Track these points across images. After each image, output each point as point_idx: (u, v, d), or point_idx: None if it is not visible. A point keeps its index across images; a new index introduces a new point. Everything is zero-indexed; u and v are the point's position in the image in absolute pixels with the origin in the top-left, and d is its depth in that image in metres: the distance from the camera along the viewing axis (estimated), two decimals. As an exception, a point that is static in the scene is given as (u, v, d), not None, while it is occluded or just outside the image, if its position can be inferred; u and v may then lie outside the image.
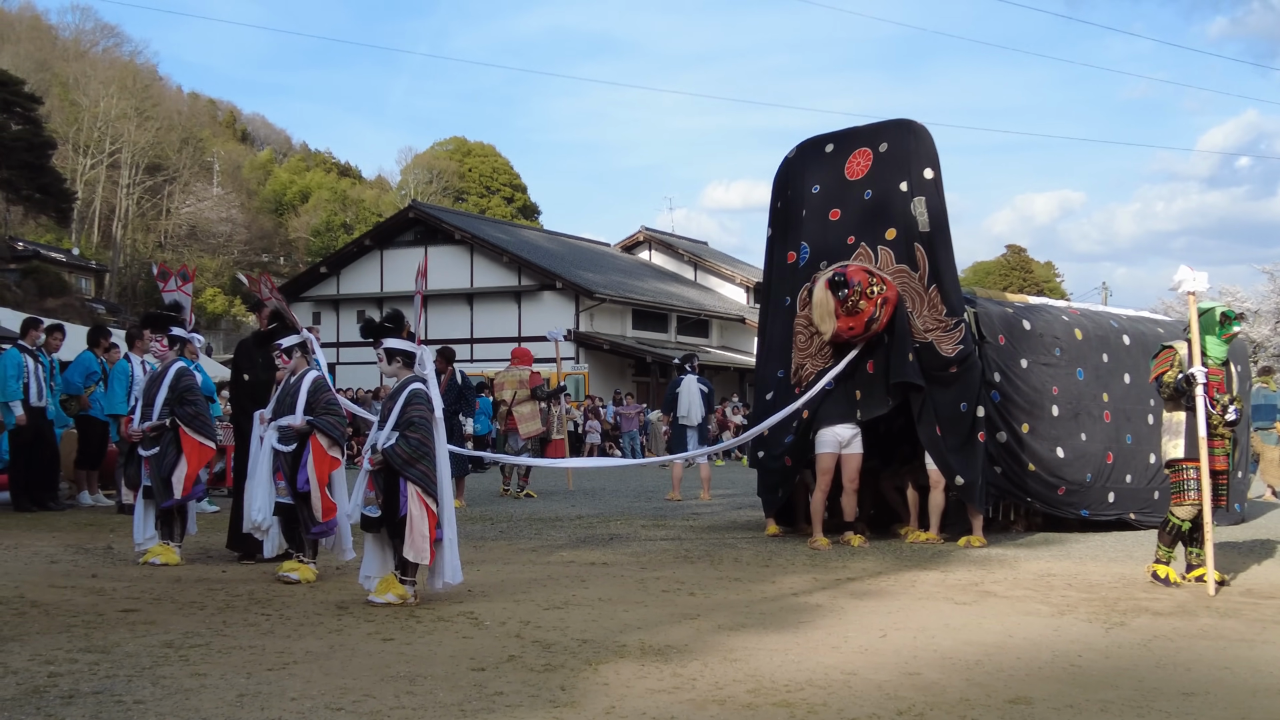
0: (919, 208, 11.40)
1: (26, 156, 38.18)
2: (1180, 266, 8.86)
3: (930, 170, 11.51)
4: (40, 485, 14.11)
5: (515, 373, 17.74)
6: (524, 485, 17.68)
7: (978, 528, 11.38)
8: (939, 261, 11.36)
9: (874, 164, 11.85)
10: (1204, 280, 8.78)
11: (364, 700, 5.10)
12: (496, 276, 40.43)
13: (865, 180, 11.87)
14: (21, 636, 6.36)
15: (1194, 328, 8.80)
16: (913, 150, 11.65)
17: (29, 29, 62.36)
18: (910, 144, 11.70)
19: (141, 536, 9.59)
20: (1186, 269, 8.84)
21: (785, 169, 12.76)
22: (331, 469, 8.62)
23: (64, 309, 39.23)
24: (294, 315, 9.30)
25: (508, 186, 79.29)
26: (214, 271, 58.72)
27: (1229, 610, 7.76)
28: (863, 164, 11.94)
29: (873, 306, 10.88)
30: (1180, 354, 8.89)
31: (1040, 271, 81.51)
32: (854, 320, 10.95)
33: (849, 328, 11.02)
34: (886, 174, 11.72)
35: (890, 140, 11.86)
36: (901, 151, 11.72)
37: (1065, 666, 6.00)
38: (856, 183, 11.93)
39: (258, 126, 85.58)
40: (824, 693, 5.36)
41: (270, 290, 9.48)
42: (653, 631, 6.76)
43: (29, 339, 14.10)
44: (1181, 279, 8.83)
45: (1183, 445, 8.78)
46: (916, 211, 11.40)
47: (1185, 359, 8.82)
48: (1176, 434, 8.85)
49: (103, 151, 56.68)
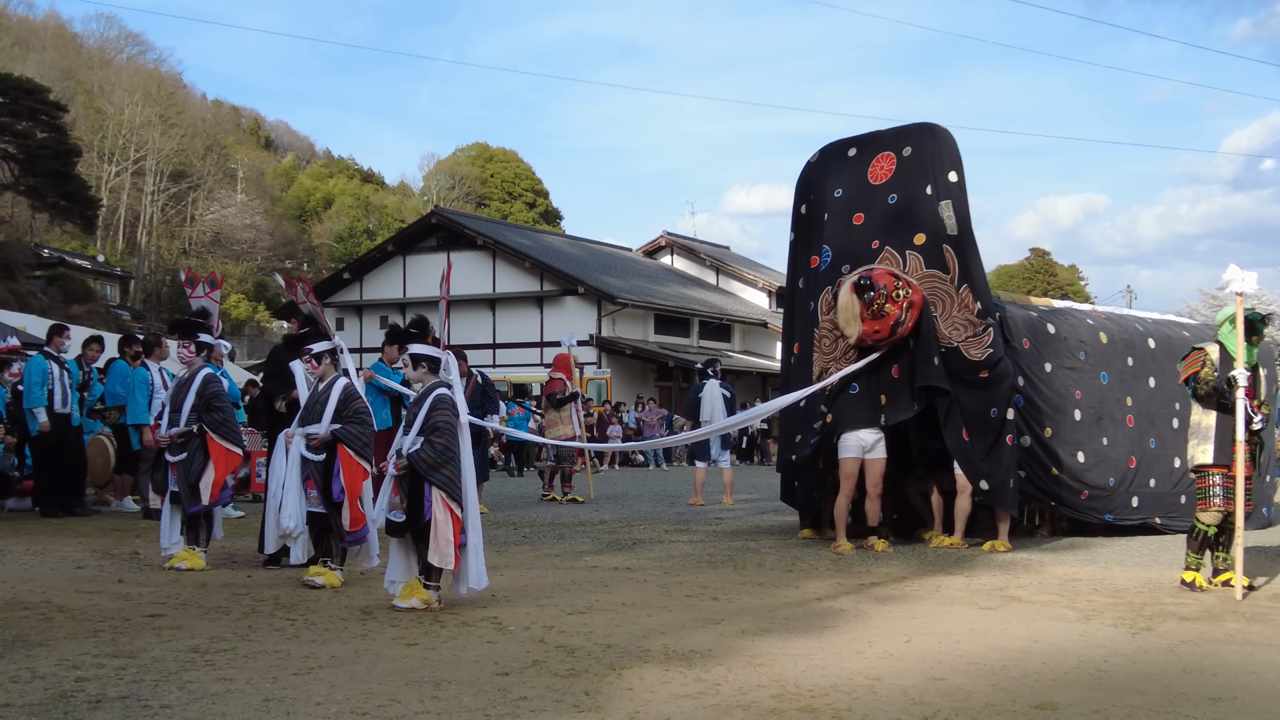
0: (946, 211, 11.37)
1: (52, 164, 38.35)
2: (1230, 265, 8.68)
3: (955, 174, 11.48)
4: (66, 491, 14.20)
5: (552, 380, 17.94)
6: (568, 491, 17.73)
7: (1004, 532, 11.33)
8: (969, 264, 11.33)
9: (898, 168, 11.82)
10: (1253, 280, 8.62)
11: (389, 705, 5.11)
12: (519, 282, 40.47)
13: (889, 184, 11.84)
14: (48, 642, 6.39)
15: (1239, 328, 8.60)
16: (936, 154, 11.63)
17: (54, 37, 62.74)
18: (934, 147, 11.68)
19: (167, 541, 9.64)
20: (1236, 268, 8.68)
21: (807, 173, 12.76)
22: (362, 479, 8.65)
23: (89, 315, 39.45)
24: (327, 321, 9.32)
25: (530, 192, 79.42)
26: (238, 278, 58.90)
27: (1256, 615, 7.71)
28: (886, 168, 11.91)
29: (898, 310, 10.84)
30: (1211, 355, 8.80)
31: (1064, 275, 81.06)
32: (879, 324, 10.91)
33: (874, 331, 10.99)
34: (911, 178, 11.69)
35: (914, 144, 11.83)
36: (925, 155, 11.69)
37: (1091, 672, 5.97)
38: (880, 187, 11.90)
39: (281, 133, 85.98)
40: (848, 698, 5.35)
41: (306, 294, 9.49)
42: (677, 636, 6.76)
43: (54, 345, 14.19)
44: (1230, 278, 8.68)
45: (1212, 450, 8.66)
46: (945, 215, 11.37)
47: (1216, 360, 8.73)
48: (1205, 438, 8.73)
49: (127, 159, 56.96)
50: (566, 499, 17.53)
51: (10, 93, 37.68)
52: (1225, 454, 8.61)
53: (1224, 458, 8.60)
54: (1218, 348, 8.84)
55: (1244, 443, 8.51)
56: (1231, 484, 8.60)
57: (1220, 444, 8.64)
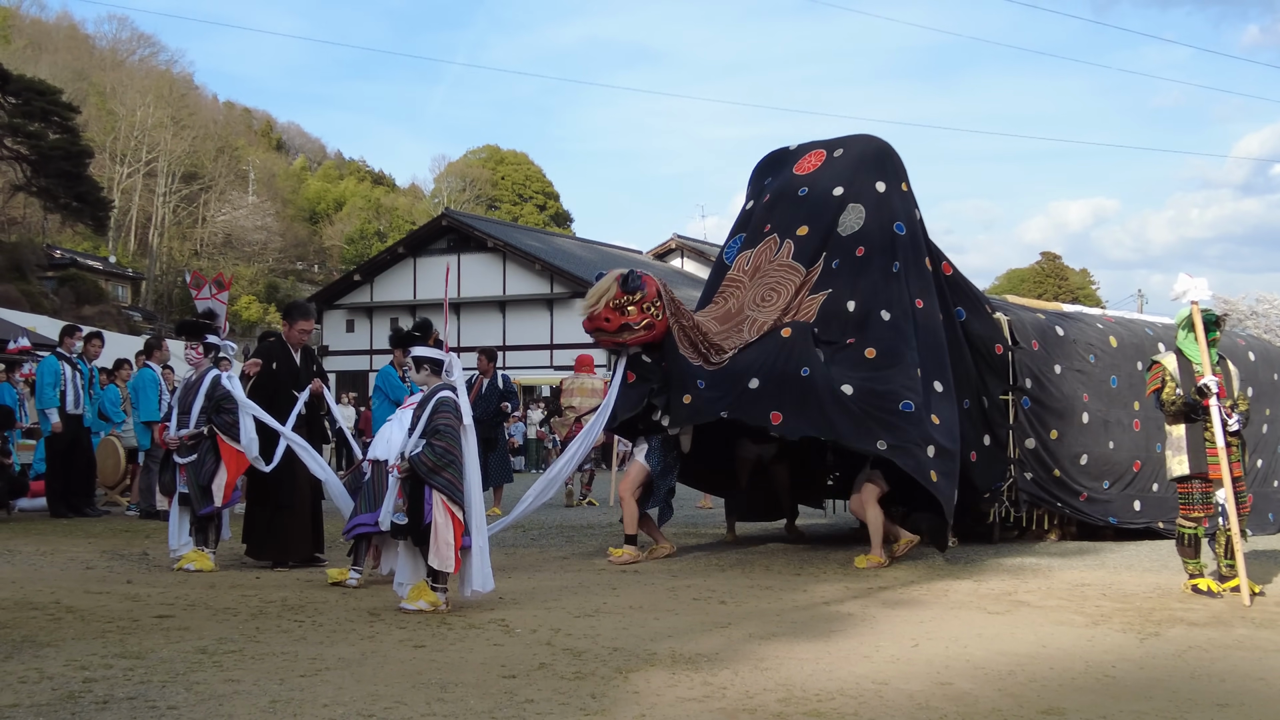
0: (852, 215, 11.28)
1: (64, 165, 38.46)
2: (1179, 275, 8.64)
3: (883, 184, 11.36)
4: (77, 492, 14.25)
5: (584, 380, 17.70)
6: (586, 494, 17.70)
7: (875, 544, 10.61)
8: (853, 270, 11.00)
9: (822, 165, 11.88)
10: (1205, 287, 8.61)
11: (395, 707, 5.12)
12: (529, 284, 40.48)
13: (807, 178, 11.88)
14: (57, 642, 6.41)
15: (1200, 337, 8.55)
16: (865, 161, 11.58)
17: (66, 38, 63.01)
18: (865, 155, 11.66)
19: (176, 542, 9.66)
20: (1185, 277, 8.62)
21: (755, 172, 12.76)
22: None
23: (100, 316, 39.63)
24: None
25: (540, 194, 79.49)
26: (249, 279, 59.08)
27: (1265, 621, 7.68)
28: (813, 163, 11.99)
29: (637, 319, 10.39)
30: (1169, 367, 8.73)
31: (1075, 279, 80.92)
32: (613, 318, 10.43)
33: (605, 320, 10.45)
34: (827, 176, 11.71)
35: (847, 148, 11.90)
36: (851, 159, 11.69)
37: (1099, 677, 5.96)
38: (799, 178, 11.95)
39: (292, 135, 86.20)
40: (855, 702, 5.34)
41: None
42: (683, 640, 6.75)
43: (66, 346, 14.24)
44: (1184, 288, 8.62)
45: (1187, 461, 8.57)
46: (848, 217, 11.27)
47: (1175, 370, 8.67)
48: (1179, 449, 8.64)
49: (139, 160, 57.17)
50: (584, 501, 17.52)
51: (23, 94, 37.80)
52: (1200, 462, 8.52)
53: (1200, 465, 8.53)
54: (1174, 357, 8.77)
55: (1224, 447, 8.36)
56: (1210, 489, 8.54)
57: (1194, 453, 8.54)
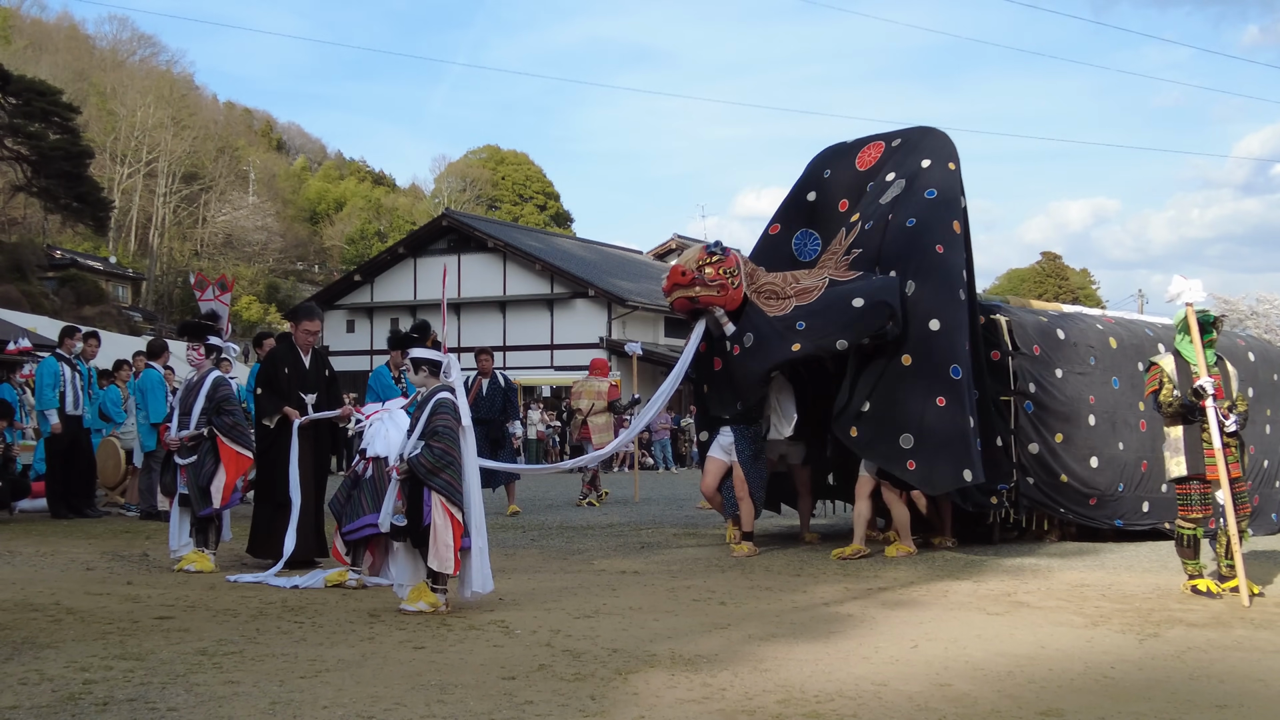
0: (895, 187, 11.41)
1: (64, 165, 38.45)
2: (1174, 277, 8.62)
3: (929, 160, 11.46)
4: (77, 493, 14.25)
5: (594, 384, 17.74)
6: (587, 494, 17.69)
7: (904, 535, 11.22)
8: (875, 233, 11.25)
9: (882, 156, 11.98)
10: (1199, 288, 8.61)
11: (395, 709, 5.13)
12: (529, 284, 40.50)
13: (870, 171, 11.98)
14: (57, 643, 6.42)
15: (1196, 339, 8.55)
16: (918, 145, 11.72)
17: (67, 39, 62.95)
18: (921, 140, 11.79)
19: (176, 544, 9.67)
20: (1180, 279, 8.60)
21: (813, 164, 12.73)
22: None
23: (101, 317, 39.63)
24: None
25: (541, 194, 79.45)
26: (249, 280, 59.04)
27: (1264, 622, 7.68)
28: (873, 155, 12.06)
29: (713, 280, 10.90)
30: (1166, 369, 8.73)
31: (1076, 279, 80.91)
32: (688, 277, 10.94)
33: (681, 274, 10.99)
34: (884, 165, 11.82)
35: (905, 137, 12.00)
36: (908, 146, 11.81)
37: (1098, 678, 5.96)
38: (863, 172, 12.03)
39: (293, 135, 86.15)
40: (854, 704, 5.35)
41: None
42: (683, 641, 6.76)
43: (65, 347, 14.23)
44: (1179, 290, 8.61)
45: (1185, 461, 8.58)
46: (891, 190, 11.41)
47: (1172, 372, 8.67)
48: (1176, 450, 8.65)
49: (139, 160, 57.13)
50: (585, 501, 17.51)
51: (23, 94, 37.80)
52: (1198, 463, 8.53)
53: (1198, 466, 8.53)
54: (1172, 358, 8.77)
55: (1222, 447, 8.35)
56: (1209, 490, 8.55)
57: (1191, 454, 8.55)
